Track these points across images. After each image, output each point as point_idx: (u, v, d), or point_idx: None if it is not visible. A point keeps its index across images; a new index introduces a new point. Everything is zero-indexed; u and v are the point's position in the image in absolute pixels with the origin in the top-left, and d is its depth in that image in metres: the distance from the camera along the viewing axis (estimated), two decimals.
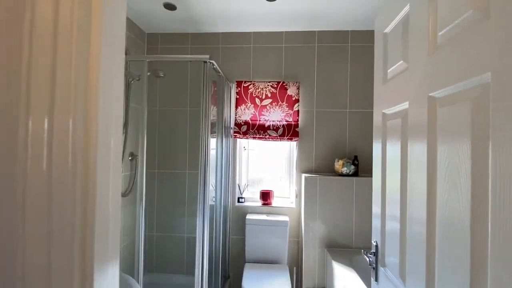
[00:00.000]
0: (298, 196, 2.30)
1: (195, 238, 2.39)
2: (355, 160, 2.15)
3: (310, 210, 2.09)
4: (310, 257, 2.08)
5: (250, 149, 2.50)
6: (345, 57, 2.28)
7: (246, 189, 2.47)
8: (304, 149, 2.29)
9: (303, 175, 2.19)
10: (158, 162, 2.38)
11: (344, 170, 2.10)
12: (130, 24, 2.18)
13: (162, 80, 2.39)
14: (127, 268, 2.13)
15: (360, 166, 2.21)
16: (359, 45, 2.28)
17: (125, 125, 2.04)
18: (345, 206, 2.07)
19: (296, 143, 2.30)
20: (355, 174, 2.13)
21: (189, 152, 2.37)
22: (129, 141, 2.14)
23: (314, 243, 2.08)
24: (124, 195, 2.07)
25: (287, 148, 2.43)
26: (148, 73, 2.06)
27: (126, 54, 2.06)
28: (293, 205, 2.31)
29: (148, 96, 2.40)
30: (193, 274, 2.39)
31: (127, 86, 2.05)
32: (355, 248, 2.08)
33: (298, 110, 2.25)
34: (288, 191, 2.44)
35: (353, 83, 2.28)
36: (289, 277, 1.91)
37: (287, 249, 2.15)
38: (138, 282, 1.69)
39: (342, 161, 2.11)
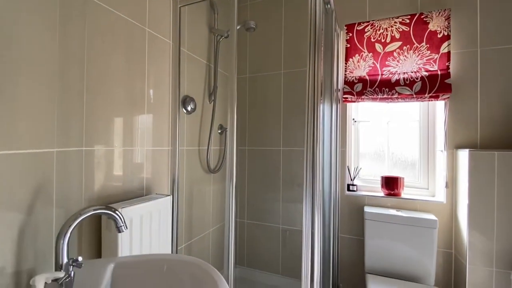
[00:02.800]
0: (449, 185, 1.51)
1: (293, 230, 1.95)
2: None
3: (480, 207, 1.29)
4: (478, 280, 1.29)
5: (361, 120, 1.85)
6: None
7: (358, 174, 1.84)
8: (460, 111, 1.49)
9: (461, 151, 1.40)
10: (249, 138, 2.03)
11: None
12: None
13: (253, 38, 2.03)
14: (216, 258, 1.85)
15: None
16: None
17: (214, 91, 1.76)
18: None
19: (445, 103, 1.52)
20: None
21: (283, 125, 1.93)
22: (218, 112, 1.86)
23: (487, 260, 1.28)
24: (213, 171, 1.79)
25: (423, 113, 1.66)
26: (238, 27, 1.73)
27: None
28: (441, 199, 1.53)
29: (237, 58, 2.10)
30: (291, 275, 1.96)
31: (215, 46, 1.77)
32: None
33: (448, 53, 1.47)
34: (425, 179, 1.66)
35: None
36: None
37: (434, 263, 1.41)
38: (228, 276, 1.34)
39: None
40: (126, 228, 0.65)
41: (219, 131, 1.91)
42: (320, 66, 1.19)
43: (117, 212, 0.66)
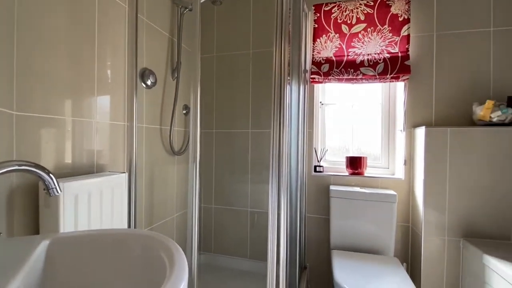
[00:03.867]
0: (407, 162, 1.59)
1: (261, 213, 1.92)
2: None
3: (434, 181, 1.37)
4: (432, 249, 1.38)
5: (328, 103, 1.88)
6: None
7: (324, 156, 1.86)
8: (417, 92, 1.57)
9: (419, 129, 1.47)
10: (216, 120, 1.95)
11: (496, 116, 1.31)
12: None
13: (220, 14, 1.93)
14: (181, 245, 1.75)
15: None
16: None
17: (177, 68, 1.65)
18: (497, 174, 1.30)
19: (405, 84, 1.59)
20: None
21: (252, 107, 1.88)
22: (182, 90, 1.74)
23: (440, 230, 1.37)
24: (178, 153, 1.69)
25: (385, 95, 1.73)
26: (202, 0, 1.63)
27: None
28: (400, 176, 1.61)
29: (202, 37, 1.99)
30: (259, 259, 1.93)
31: (179, 19, 1.65)
32: None
33: (408, 35, 1.54)
34: (386, 159, 1.74)
35: None
36: (406, 273, 1.25)
37: (394, 235, 1.47)
38: (191, 264, 1.27)
39: (492, 104, 1.33)
40: (59, 191, 0.55)
41: (184, 111, 1.80)
42: (287, 46, 1.16)
43: (50, 174, 0.56)
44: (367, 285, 1.14)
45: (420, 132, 1.44)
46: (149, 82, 1.41)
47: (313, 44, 1.70)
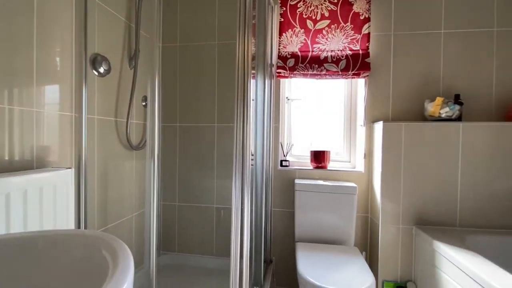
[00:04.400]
0: (367, 155, 1.66)
1: (227, 209, 1.89)
2: (458, 100, 1.46)
3: (390, 174, 1.45)
4: (388, 237, 1.46)
5: (294, 98, 1.89)
6: None
7: (290, 150, 1.88)
8: (377, 88, 1.64)
9: (377, 124, 1.55)
10: (180, 113, 1.86)
11: (444, 112, 1.42)
12: None
13: (183, 1, 1.84)
14: (141, 246, 1.65)
15: (464, 109, 1.52)
16: None
17: (135, 56, 1.53)
18: (445, 166, 1.41)
19: (365, 80, 1.65)
20: (459, 118, 1.45)
21: (218, 100, 1.83)
22: (142, 81, 1.63)
23: (395, 219, 1.45)
24: (137, 148, 1.58)
25: (347, 92, 1.79)
26: None
27: None
28: (360, 169, 1.68)
29: (165, 26, 1.88)
30: (226, 255, 1.90)
31: (137, 3, 1.53)
32: (460, 227, 1.41)
33: (368, 34, 1.60)
34: (347, 153, 1.80)
35: None
36: (365, 262, 1.31)
37: (354, 225, 1.53)
38: (150, 263, 1.19)
39: (441, 101, 1.43)
40: None
41: (144, 103, 1.69)
42: (251, 39, 1.12)
43: None
44: (328, 275, 1.17)
45: (378, 127, 1.51)
46: (101, 70, 1.29)
47: (279, 38, 1.69)
